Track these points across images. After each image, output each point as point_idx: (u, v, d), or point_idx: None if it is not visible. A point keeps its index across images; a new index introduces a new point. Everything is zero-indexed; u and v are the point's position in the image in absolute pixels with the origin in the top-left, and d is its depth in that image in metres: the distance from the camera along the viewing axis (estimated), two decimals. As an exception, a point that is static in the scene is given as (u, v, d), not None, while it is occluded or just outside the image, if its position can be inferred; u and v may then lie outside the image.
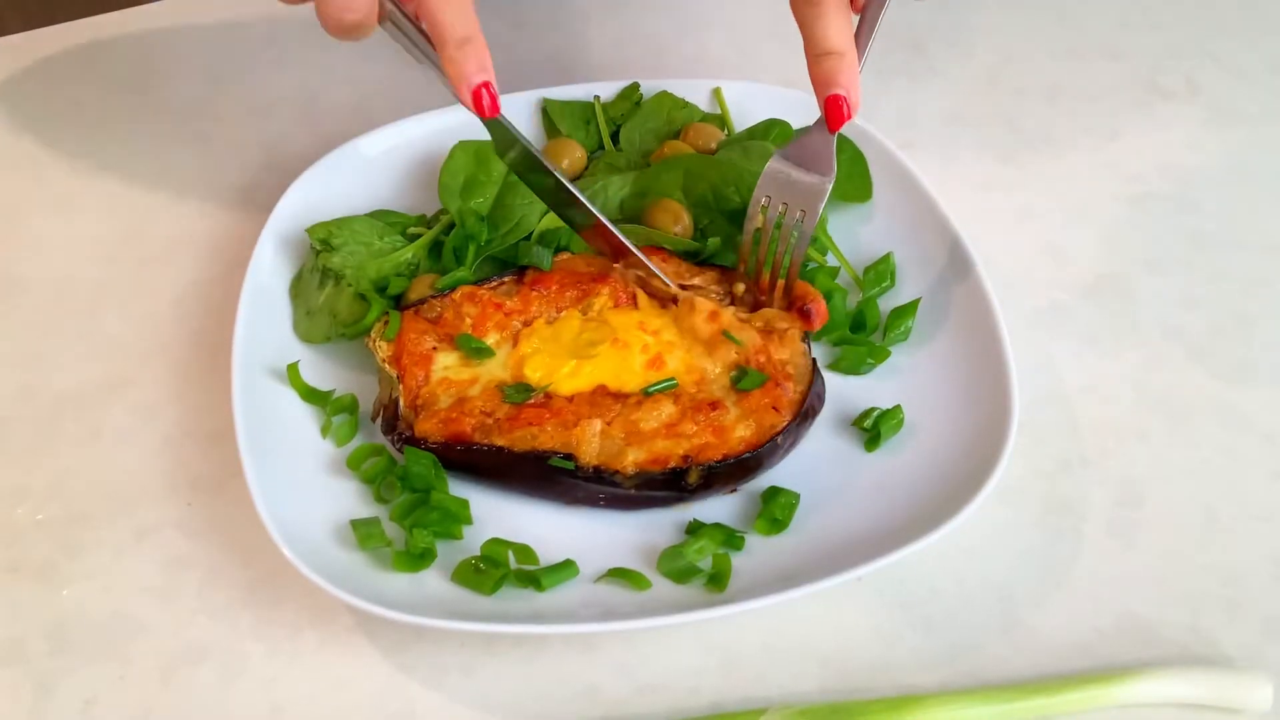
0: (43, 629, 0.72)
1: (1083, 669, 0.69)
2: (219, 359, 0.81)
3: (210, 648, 0.71)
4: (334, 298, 0.82)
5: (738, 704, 0.69)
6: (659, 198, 0.86)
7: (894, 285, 0.85)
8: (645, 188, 0.88)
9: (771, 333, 0.79)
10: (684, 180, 0.87)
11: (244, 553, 0.75)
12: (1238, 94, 1.02)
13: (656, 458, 0.73)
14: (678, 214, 0.85)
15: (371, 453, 0.77)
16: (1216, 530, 0.76)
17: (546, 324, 0.80)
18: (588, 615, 0.70)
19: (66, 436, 0.81)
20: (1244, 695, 0.67)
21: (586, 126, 0.93)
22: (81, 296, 0.89)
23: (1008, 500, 0.76)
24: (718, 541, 0.73)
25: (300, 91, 1.03)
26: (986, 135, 0.99)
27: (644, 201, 0.87)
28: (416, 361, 0.78)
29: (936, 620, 0.72)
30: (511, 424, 0.74)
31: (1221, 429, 0.80)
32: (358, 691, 0.70)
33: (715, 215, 0.86)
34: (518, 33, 1.08)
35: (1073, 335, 0.85)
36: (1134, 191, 0.95)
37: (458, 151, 0.88)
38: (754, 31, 1.08)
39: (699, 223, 0.86)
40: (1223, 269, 0.90)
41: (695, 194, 0.87)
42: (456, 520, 0.74)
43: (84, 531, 0.76)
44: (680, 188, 0.87)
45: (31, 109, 1.03)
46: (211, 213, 0.94)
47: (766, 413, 0.74)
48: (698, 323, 0.78)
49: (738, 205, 0.85)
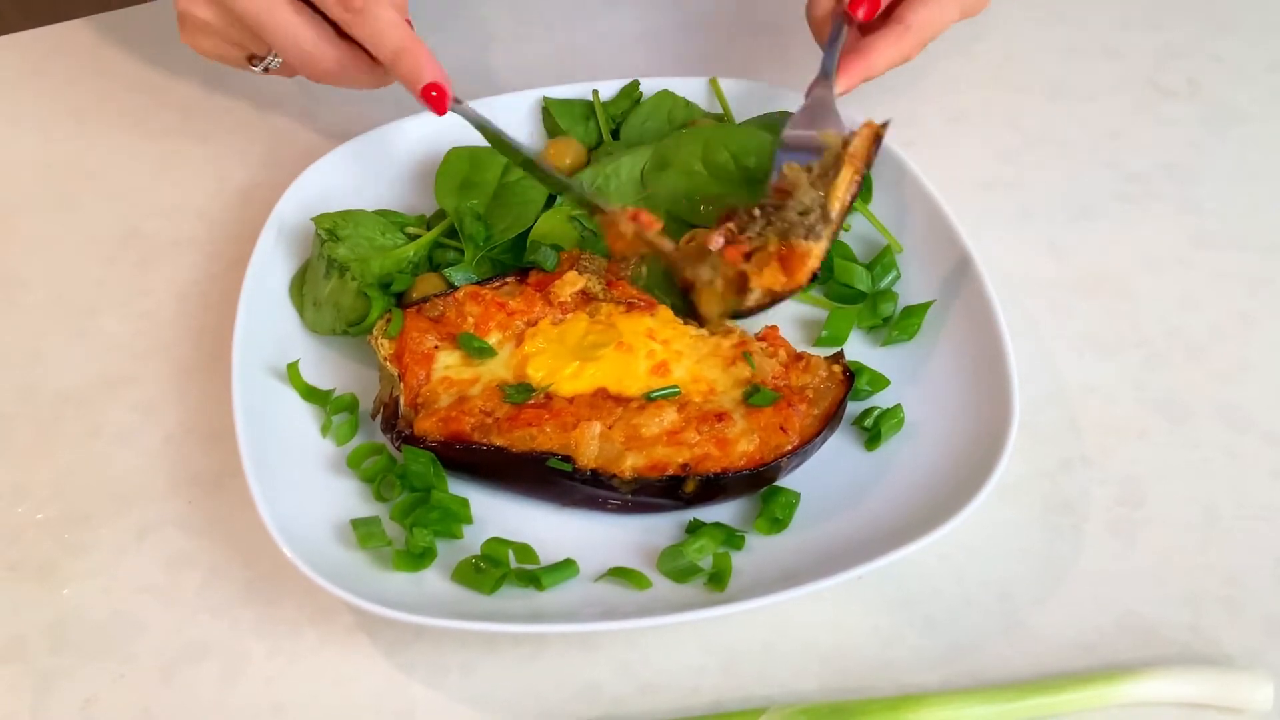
0: (43, 628, 0.72)
1: (1083, 668, 0.69)
2: (219, 358, 0.81)
3: (210, 646, 0.71)
4: (339, 291, 0.82)
5: (738, 703, 0.69)
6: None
7: (900, 276, 0.85)
8: (665, 159, 0.87)
9: (799, 359, 0.78)
10: (704, 150, 0.87)
11: (244, 552, 0.75)
12: (1238, 93, 1.02)
13: (655, 464, 0.73)
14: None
15: (371, 451, 0.77)
16: (1217, 530, 0.75)
17: (552, 324, 0.79)
18: (588, 614, 0.70)
19: (67, 435, 0.81)
20: (1245, 695, 0.67)
21: (586, 124, 0.93)
22: (81, 296, 0.89)
23: (1008, 499, 0.76)
24: (718, 541, 0.73)
25: (300, 91, 1.03)
26: (987, 134, 0.99)
27: (664, 174, 0.87)
28: (418, 360, 0.78)
29: (937, 619, 0.72)
30: (511, 424, 0.74)
31: (1222, 429, 0.80)
32: (358, 690, 0.70)
33: (737, 184, 0.86)
34: (519, 31, 1.08)
35: (1073, 335, 0.85)
36: (1134, 191, 0.95)
37: (452, 156, 0.89)
38: (755, 30, 1.08)
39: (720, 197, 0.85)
40: (1223, 269, 0.90)
41: (715, 163, 0.86)
42: (457, 519, 0.74)
43: (84, 530, 0.76)
44: (700, 158, 0.87)
45: (31, 108, 1.03)
46: (211, 212, 0.94)
47: (774, 432, 0.74)
48: (723, 343, 0.78)
49: (760, 176, 0.85)
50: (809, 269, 0.74)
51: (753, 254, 0.75)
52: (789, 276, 0.74)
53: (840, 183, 0.76)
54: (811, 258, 0.74)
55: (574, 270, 0.81)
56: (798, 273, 0.74)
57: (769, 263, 0.75)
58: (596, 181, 0.87)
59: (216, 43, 0.82)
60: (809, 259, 0.74)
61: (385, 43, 0.77)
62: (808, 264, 0.74)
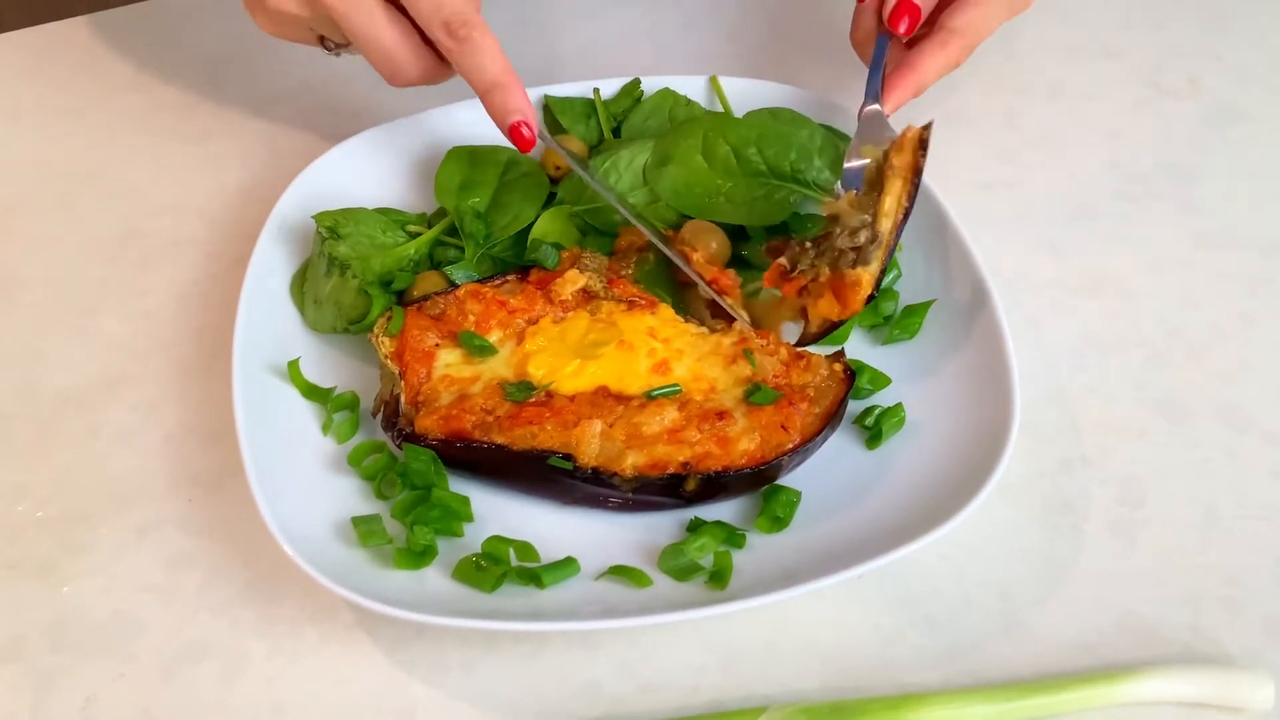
0: (43, 627, 0.72)
1: (1084, 668, 0.69)
2: (219, 356, 0.81)
3: (211, 645, 0.71)
4: (339, 289, 0.82)
5: (739, 702, 0.69)
6: (694, 222, 0.86)
7: (901, 275, 0.85)
8: (666, 154, 0.87)
9: (800, 358, 0.78)
10: (703, 143, 0.87)
11: (245, 550, 0.75)
12: (1239, 93, 1.02)
13: (656, 462, 0.72)
14: (714, 234, 0.85)
15: (372, 449, 0.77)
16: (1217, 529, 0.76)
17: (553, 323, 0.79)
18: (589, 613, 0.70)
19: (67, 434, 0.81)
20: (1245, 694, 0.67)
21: (587, 122, 0.93)
22: (81, 296, 0.89)
23: (1009, 499, 0.76)
24: (719, 539, 0.73)
25: (300, 90, 1.03)
26: (988, 134, 0.99)
27: (665, 170, 0.86)
28: (419, 358, 0.77)
29: (938, 619, 0.72)
30: (512, 422, 0.74)
31: (1222, 429, 0.80)
32: (359, 689, 0.70)
33: (737, 178, 0.86)
34: (520, 30, 1.08)
35: (1073, 335, 0.85)
36: (1135, 191, 0.95)
37: (452, 155, 0.89)
38: (755, 29, 1.08)
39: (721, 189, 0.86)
40: (1223, 269, 0.90)
41: (715, 155, 0.86)
42: (457, 517, 0.74)
43: (84, 529, 0.76)
44: (700, 151, 0.87)
45: (31, 107, 1.02)
46: (211, 212, 0.94)
47: (775, 430, 0.74)
48: (724, 340, 0.78)
49: (760, 168, 0.85)
50: (861, 296, 0.75)
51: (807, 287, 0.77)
52: (843, 305, 0.76)
53: (887, 199, 0.77)
54: (863, 285, 0.75)
55: (575, 269, 0.82)
56: (851, 301, 0.75)
57: (823, 294, 0.76)
58: (597, 175, 0.87)
59: (293, 30, 0.81)
60: (860, 287, 0.75)
61: (485, 76, 0.77)
62: (860, 292, 0.75)
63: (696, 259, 0.82)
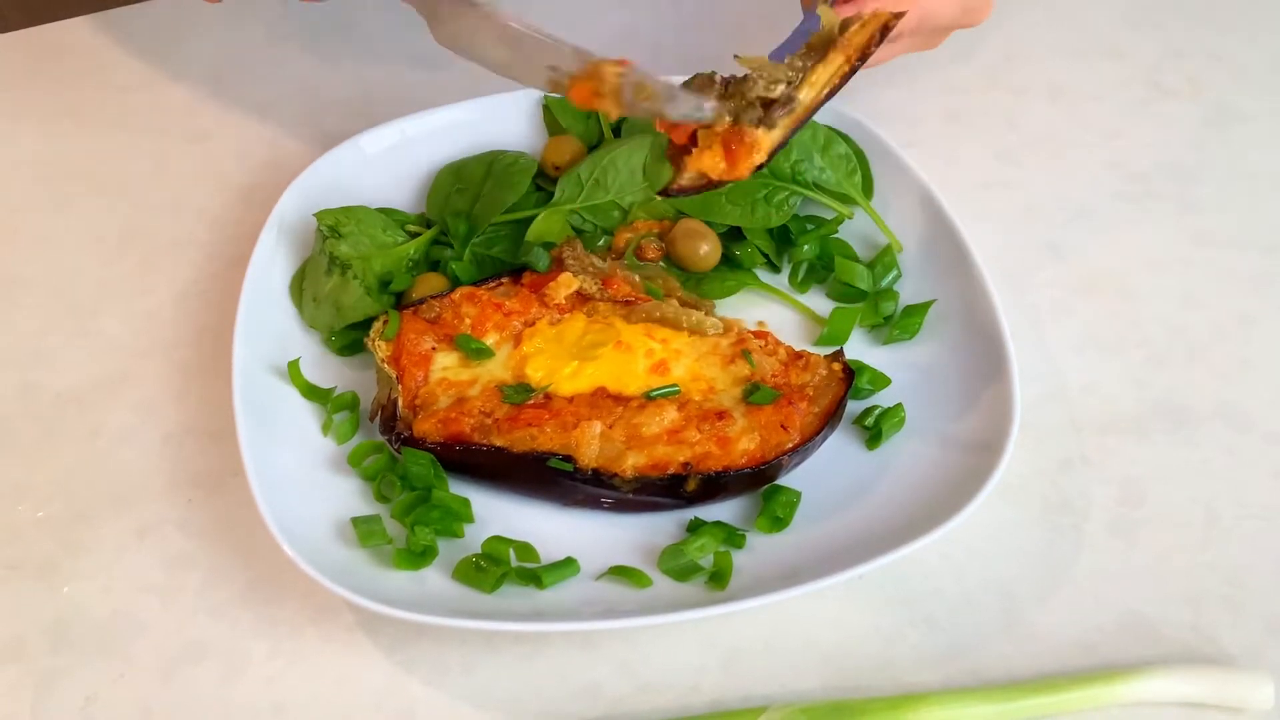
0: (43, 627, 0.72)
1: (1084, 668, 0.69)
2: (219, 357, 0.81)
3: (211, 646, 0.71)
4: (339, 289, 0.82)
5: (739, 702, 0.69)
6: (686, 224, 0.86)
7: (901, 276, 0.85)
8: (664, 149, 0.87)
9: (799, 357, 0.78)
10: None
11: (245, 551, 0.75)
12: (1239, 93, 1.02)
13: (656, 463, 0.73)
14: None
15: (372, 450, 0.77)
16: (1217, 529, 0.75)
17: (550, 324, 0.79)
18: (589, 613, 0.70)
19: (67, 434, 0.81)
20: (1246, 694, 0.67)
21: (587, 122, 0.93)
22: (81, 296, 0.89)
23: (1009, 499, 0.76)
24: (719, 539, 0.73)
25: (300, 90, 1.03)
26: (988, 134, 0.99)
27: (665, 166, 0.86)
28: (415, 362, 0.77)
29: (938, 618, 0.72)
30: (511, 424, 0.74)
31: (1222, 429, 0.80)
32: (359, 689, 0.70)
33: None
34: (518, 31, 1.08)
35: (1073, 335, 0.85)
36: (1135, 191, 0.95)
37: (440, 175, 0.89)
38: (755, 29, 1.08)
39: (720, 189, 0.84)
40: (1223, 269, 0.90)
41: None
42: (458, 518, 0.74)
43: (84, 529, 0.76)
44: None
45: (32, 107, 1.02)
46: (211, 212, 0.94)
47: (775, 430, 0.74)
48: (722, 341, 0.78)
49: None
50: (753, 162, 0.65)
51: (697, 134, 0.66)
52: (730, 164, 0.66)
53: (822, 69, 0.67)
54: (759, 149, 0.65)
55: (568, 273, 0.81)
56: (740, 163, 0.65)
57: (712, 144, 0.66)
58: (594, 173, 0.87)
59: None
60: (755, 149, 0.65)
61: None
62: (753, 156, 0.65)
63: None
